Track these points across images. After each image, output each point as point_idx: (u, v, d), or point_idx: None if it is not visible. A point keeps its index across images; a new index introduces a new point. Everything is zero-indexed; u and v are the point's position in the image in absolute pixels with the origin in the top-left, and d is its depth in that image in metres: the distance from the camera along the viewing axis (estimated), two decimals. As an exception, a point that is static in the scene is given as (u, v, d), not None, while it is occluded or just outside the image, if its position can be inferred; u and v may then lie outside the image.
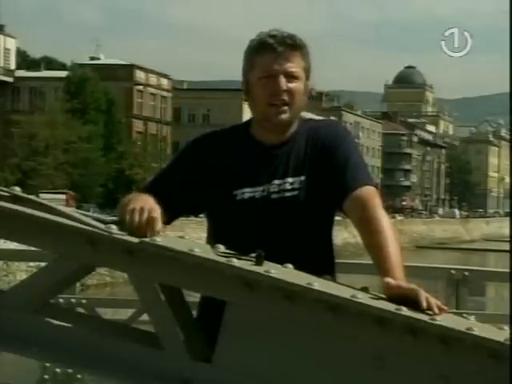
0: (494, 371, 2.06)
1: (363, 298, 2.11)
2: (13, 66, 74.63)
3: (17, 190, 2.35)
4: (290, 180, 2.76)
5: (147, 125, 72.65)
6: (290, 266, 2.28)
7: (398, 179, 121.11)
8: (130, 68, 72.85)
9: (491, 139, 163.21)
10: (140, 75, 73.55)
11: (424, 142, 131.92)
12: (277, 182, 2.76)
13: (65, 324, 2.30)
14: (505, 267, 9.71)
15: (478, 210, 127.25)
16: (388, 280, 2.31)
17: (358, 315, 2.10)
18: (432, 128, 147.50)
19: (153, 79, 74.98)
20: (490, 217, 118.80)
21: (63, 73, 66.89)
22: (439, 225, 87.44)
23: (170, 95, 77.39)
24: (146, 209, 2.38)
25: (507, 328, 2.18)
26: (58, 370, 5.72)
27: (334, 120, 3.65)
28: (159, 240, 2.21)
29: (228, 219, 2.78)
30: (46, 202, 2.31)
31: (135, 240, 2.22)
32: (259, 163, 2.78)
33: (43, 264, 2.39)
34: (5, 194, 2.34)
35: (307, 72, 2.80)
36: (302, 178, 2.76)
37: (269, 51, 2.73)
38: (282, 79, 2.73)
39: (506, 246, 46.60)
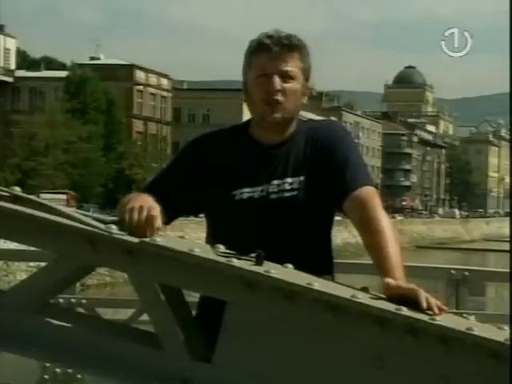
0: (494, 371, 2.06)
1: (363, 298, 2.11)
2: (13, 66, 74.63)
3: (17, 190, 2.35)
4: (289, 180, 2.76)
5: (147, 125, 72.64)
6: (290, 266, 2.29)
7: (398, 179, 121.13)
8: (130, 68, 72.85)
9: (491, 139, 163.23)
10: (140, 75, 73.55)
11: (424, 142, 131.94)
12: (276, 182, 2.76)
13: (65, 324, 2.30)
14: (505, 267, 9.71)
15: (478, 210, 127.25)
16: (388, 280, 2.31)
17: (358, 315, 2.10)
18: (432, 128, 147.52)
19: (153, 79, 74.98)
20: (490, 217, 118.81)
21: (63, 73, 66.89)
22: (439, 225, 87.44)
23: (170, 95, 77.40)
24: (146, 207, 2.39)
25: (507, 328, 2.18)
26: (58, 370, 5.72)
27: (334, 120, 3.65)
28: (159, 240, 2.21)
29: (227, 219, 2.79)
30: (46, 202, 2.31)
31: (135, 240, 2.22)
32: (258, 163, 2.78)
33: (43, 264, 2.39)
34: (5, 194, 2.34)
35: (306, 72, 2.81)
36: (301, 179, 2.76)
37: (265, 51, 2.75)
38: (276, 79, 2.74)
39: (506, 246, 46.60)
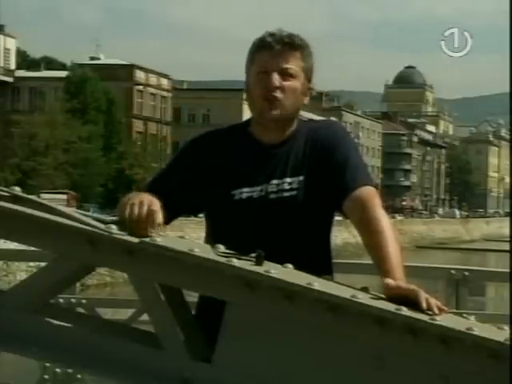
0: (494, 371, 2.06)
1: (363, 298, 2.11)
2: (13, 66, 74.62)
3: (17, 190, 2.35)
4: (289, 180, 2.76)
5: (147, 125, 72.64)
6: (290, 266, 2.28)
7: (398, 179, 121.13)
8: (130, 68, 72.84)
9: (491, 139, 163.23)
10: (140, 75, 73.54)
11: (424, 142, 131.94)
12: (275, 182, 2.76)
13: (65, 324, 2.30)
14: (505, 267, 9.72)
15: (478, 210, 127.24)
16: (388, 280, 2.31)
17: (358, 315, 2.10)
18: (432, 128, 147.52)
19: (153, 79, 74.97)
20: (490, 217, 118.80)
21: (63, 73, 66.89)
22: (439, 225, 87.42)
23: (170, 95, 77.39)
24: (146, 202, 2.40)
25: (507, 328, 2.18)
26: (58, 370, 5.73)
27: (334, 120, 3.65)
28: (159, 240, 2.21)
29: (226, 219, 2.79)
30: (46, 202, 2.31)
31: (135, 240, 2.22)
32: (257, 162, 2.78)
33: (43, 264, 2.39)
34: (5, 194, 2.34)
35: (307, 72, 2.81)
36: (301, 178, 2.76)
37: (267, 49, 2.76)
38: (276, 76, 2.74)
39: (506, 246, 46.60)
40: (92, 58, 77.53)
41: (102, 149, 58.93)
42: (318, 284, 2.12)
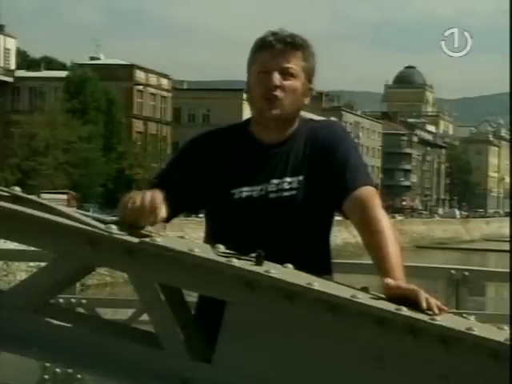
0: (494, 371, 2.06)
1: (363, 298, 2.11)
2: (13, 66, 74.63)
3: (17, 190, 2.35)
4: (289, 180, 2.76)
5: (147, 125, 72.64)
6: (290, 266, 2.28)
7: (398, 179, 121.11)
8: (130, 68, 72.83)
9: (491, 139, 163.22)
10: (140, 75, 73.54)
11: (424, 142, 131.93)
12: (275, 182, 2.76)
13: (65, 324, 2.30)
14: (505, 267, 9.72)
15: (478, 210, 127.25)
16: (388, 280, 2.31)
17: (358, 315, 2.10)
18: (432, 128, 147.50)
19: (153, 79, 74.97)
20: (490, 217, 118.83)
21: (63, 73, 66.90)
22: (439, 225, 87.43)
23: (170, 95, 77.39)
24: (148, 196, 2.41)
25: (507, 328, 2.18)
26: (58, 370, 5.72)
27: (334, 121, 3.65)
28: (159, 240, 2.21)
29: (226, 218, 2.79)
30: (46, 202, 2.31)
31: (135, 240, 2.22)
32: (257, 162, 2.78)
33: (43, 264, 2.39)
34: (5, 194, 2.34)
35: (308, 72, 2.81)
36: (301, 178, 2.76)
37: (268, 48, 2.76)
38: (276, 75, 2.74)
39: (506, 246, 46.60)
40: (92, 58, 77.53)
41: (102, 149, 58.94)
42: (318, 284, 2.12)
